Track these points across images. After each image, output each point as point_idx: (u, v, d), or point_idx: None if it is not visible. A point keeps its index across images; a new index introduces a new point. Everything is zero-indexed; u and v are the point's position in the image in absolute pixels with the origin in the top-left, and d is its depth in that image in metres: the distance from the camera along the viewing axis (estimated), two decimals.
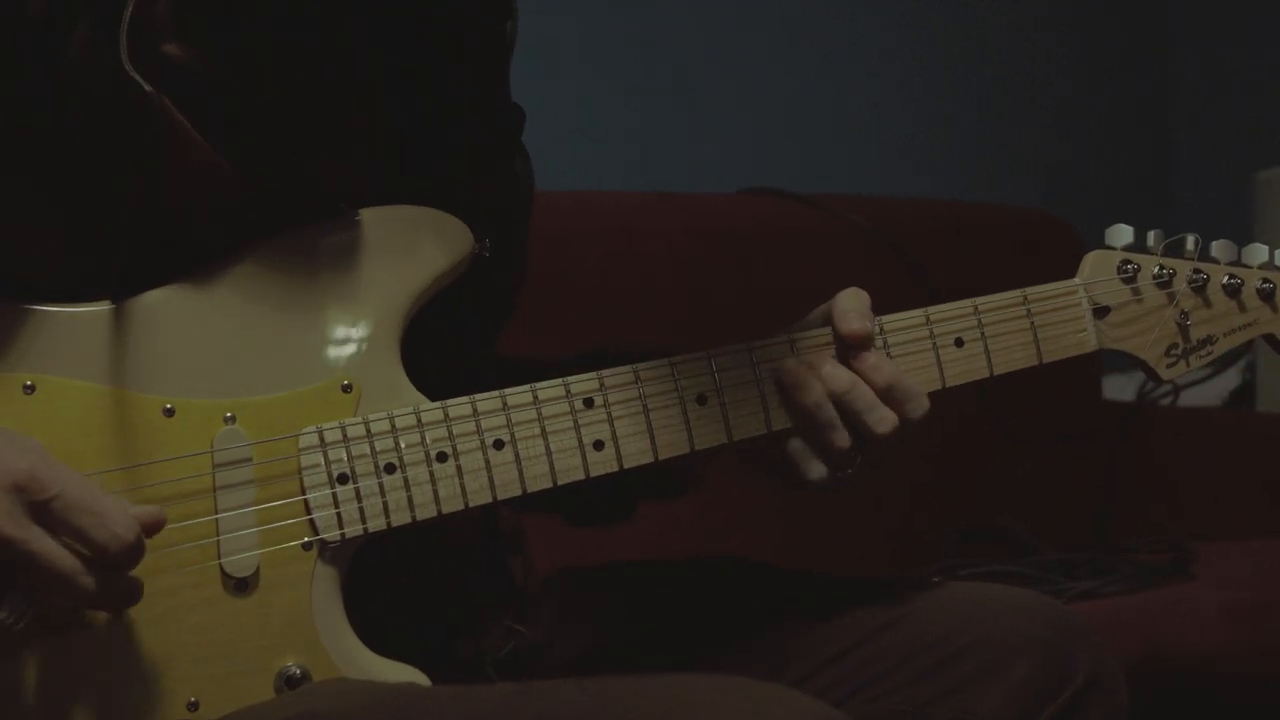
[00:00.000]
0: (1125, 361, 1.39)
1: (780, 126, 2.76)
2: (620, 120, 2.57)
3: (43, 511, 1.03)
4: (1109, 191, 3.14)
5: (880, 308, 1.28)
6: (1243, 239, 1.39)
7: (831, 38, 2.83)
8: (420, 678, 1.18)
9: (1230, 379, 2.65)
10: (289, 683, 1.16)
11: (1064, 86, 3.15)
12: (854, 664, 1.24)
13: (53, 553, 1.03)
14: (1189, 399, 2.61)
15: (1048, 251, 2.37)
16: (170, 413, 1.15)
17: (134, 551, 1.05)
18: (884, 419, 1.22)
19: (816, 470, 1.23)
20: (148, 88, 1.09)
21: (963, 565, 2.11)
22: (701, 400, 1.25)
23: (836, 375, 1.22)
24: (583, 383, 1.22)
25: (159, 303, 1.16)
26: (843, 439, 1.22)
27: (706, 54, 2.68)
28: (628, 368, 1.23)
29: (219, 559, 1.15)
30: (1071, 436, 2.43)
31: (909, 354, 1.29)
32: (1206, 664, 1.91)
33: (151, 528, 1.07)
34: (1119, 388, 2.61)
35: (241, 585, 1.15)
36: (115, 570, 1.05)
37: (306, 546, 1.17)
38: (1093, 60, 3.19)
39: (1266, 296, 1.37)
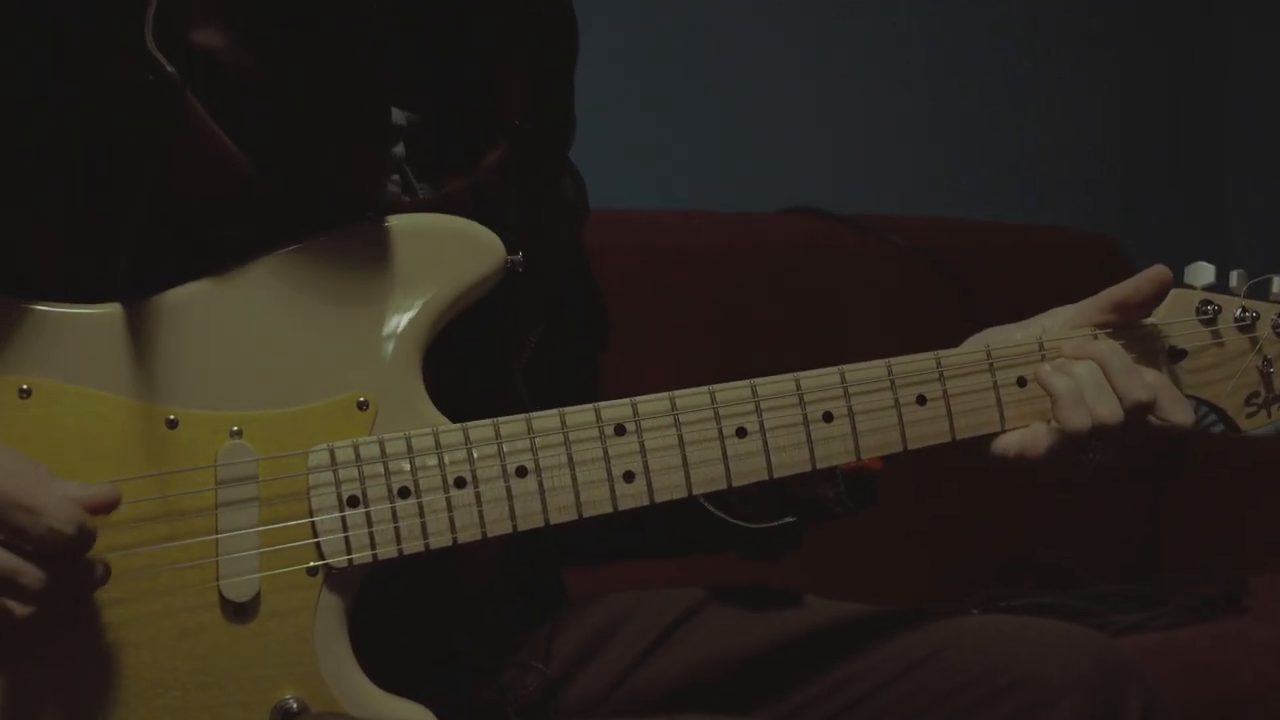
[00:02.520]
0: None
1: (820, 146, 2.70)
2: (658, 138, 2.51)
3: None
4: (1156, 213, 3.03)
5: (920, 328, 1.23)
6: None
7: (873, 57, 2.77)
8: (426, 715, 1.10)
9: None
10: (285, 717, 1.09)
11: (1112, 107, 3.06)
12: (889, 701, 1.17)
13: None
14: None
15: (1092, 270, 2.27)
16: (174, 424, 1.09)
17: (75, 542, 0.99)
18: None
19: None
20: (169, 68, 1.02)
21: (1005, 597, 2.02)
22: (741, 433, 1.16)
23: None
24: (615, 409, 1.14)
25: (168, 307, 1.10)
26: (1113, 408, 1.17)
27: (747, 72, 2.62)
28: (663, 395, 1.16)
29: (217, 581, 1.08)
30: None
31: (966, 393, 1.21)
32: (1259, 702, 1.81)
33: (102, 507, 1.01)
34: None
35: (240, 610, 1.08)
36: (62, 560, 0.99)
37: (311, 572, 1.10)
38: (1142, 79, 3.10)
39: None
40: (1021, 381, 1.22)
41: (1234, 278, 1.28)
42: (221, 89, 1.07)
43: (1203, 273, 1.28)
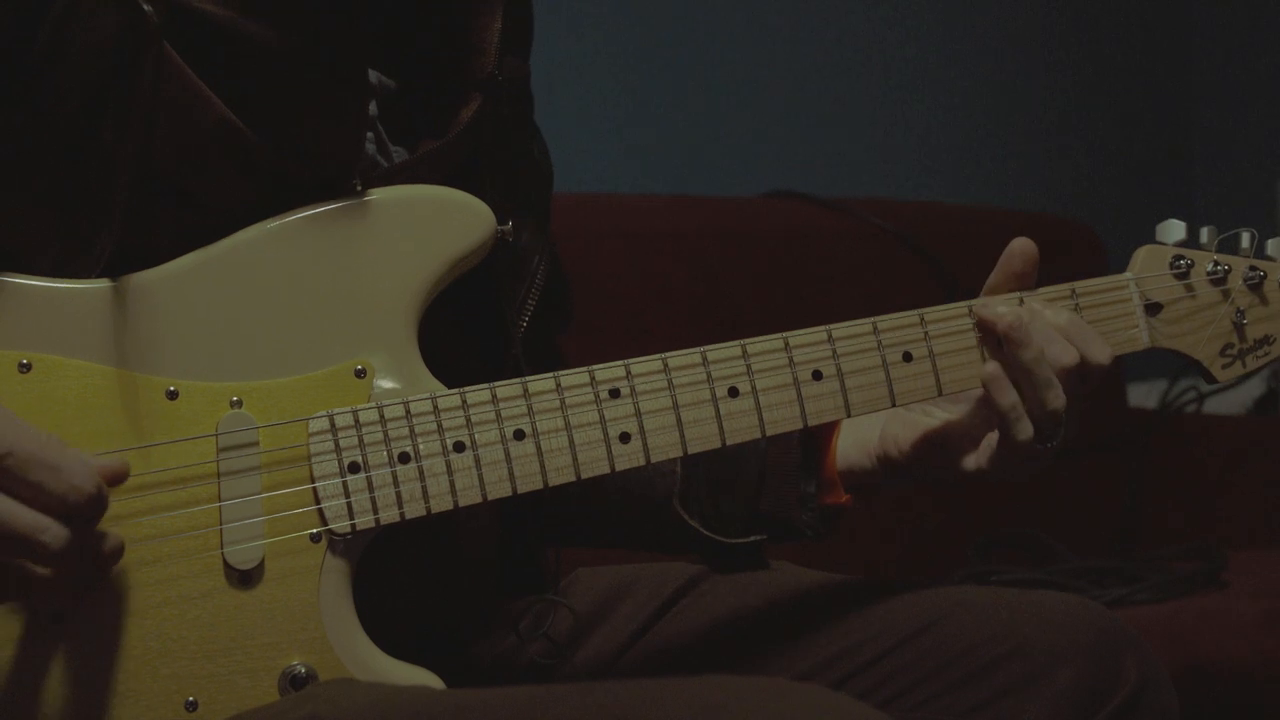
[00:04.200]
0: (1148, 368, 1.32)
1: (803, 130, 2.74)
2: (643, 123, 2.53)
3: None
4: (1129, 198, 3.10)
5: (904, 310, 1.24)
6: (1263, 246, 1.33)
7: (855, 42, 2.81)
8: (433, 680, 1.11)
9: (1255, 386, 2.62)
10: (294, 683, 1.09)
11: (1087, 93, 3.13)
12: (890, 669, 1.18)
13: (5, 511, 0.97)
14: (1213, 406, 2.56)
15: (1071, 256, 2.31)
16: (174, 395, 1.09)
17: (96, 502, 0.99)
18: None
19: (1025, 432, 1.18)
20: (146, 7, 1.02)
21: (990, 572, 2.04)
22: (733, 393, 1.18)
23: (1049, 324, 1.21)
24: (609, 370, 1.16)
25: (163, 280, 1.10)
26: (1058, 399, 1.18)
27: (729, 57, 2.66)
28: (656, 356, 1.17)
29: (221, 549, 1.09)
30: (1100, 446, 2.36)
31: (954, 350, 1.23)
32: (1247, 673, 1.83)
33: (114, 478, 1.02)
34: (1143, 395, 2.55)
35: (245, 578, 1.09)
36: (79, 524, 0.99)
37: (315, 538, 1.10)
38: (1115, 67, 3.18)
39: None
40: None
41: (1204, 234, 1.31)
42: (201, 43, 1.07)
43: (1173, 230, 1.31)
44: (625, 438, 1.16)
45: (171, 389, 1.09)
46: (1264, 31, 3.18)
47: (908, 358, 1.22)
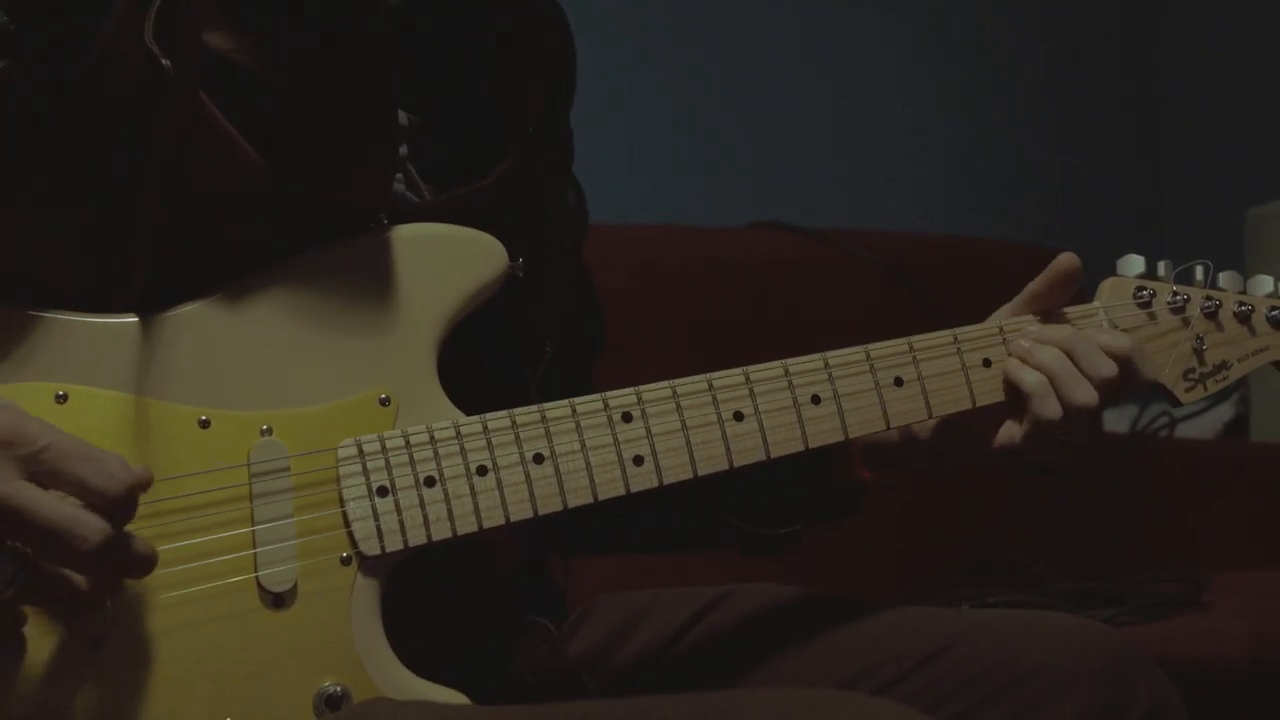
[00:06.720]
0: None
1: (791, 161, 2.83)
2: (632, 153, 2.61)
3: (33, 463, 0.99)
4: (1104, 228, 3.23)
5: (887, 339, 1.31)
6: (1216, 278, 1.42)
7: (843, 75, 2.93)
8: (462, 700, 1.13)
9: (1224, 411, 2.71)
10: (329, 703, 1.11)
11: (1064, 127, 3.27)
12: (909, 690, 1.21)
13: (44, 504, 0.98)
14: (1185, 431, 2.65)
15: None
16: (206, 424, 1.12)
17: (132, 494, 1.01)
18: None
19: (1053, 410, 1.27)
20: (164, 60, 1.06)
21: (975, 596, 2.08)
22: (738, 417, 1.24)
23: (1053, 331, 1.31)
24: (621, 397, 1.21)
25: (194, 314, 1.14)
26: (1088, 394, 1.27)
27: (719, 88, 2.75)
28: (665, 384, 1.22)
29: (256, 573, 1.11)
30: (1076, 470, 2.43)
31: (938, 374, 1.30)
32: (1238, 694, 1.88)
33: (142, 484, 1.04)
34: (1115, 420, 2.62)
35: (279, 600, 1.12)
36: (113, 521, 1.01)
37: (345, 560, 1.13)
38: (1090, 101, 3.33)
39: (1276, 324, 1.39)
40: (986, 363, 1.31)
41: (1161, 267, 1.40)
42: (232, 89, 1.11)
43: (1134, 264, 1.39)
44: (639, 460, 1.20)
45: (203, 418, 1.12)
46: (1235, 63, 3.33)
47: (899, 382, 1.29)
